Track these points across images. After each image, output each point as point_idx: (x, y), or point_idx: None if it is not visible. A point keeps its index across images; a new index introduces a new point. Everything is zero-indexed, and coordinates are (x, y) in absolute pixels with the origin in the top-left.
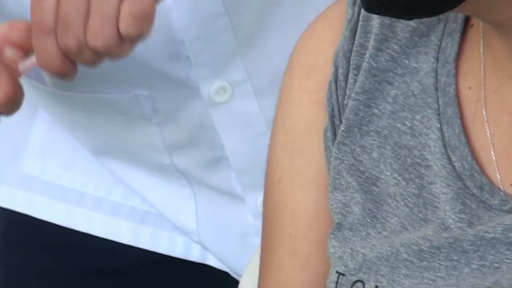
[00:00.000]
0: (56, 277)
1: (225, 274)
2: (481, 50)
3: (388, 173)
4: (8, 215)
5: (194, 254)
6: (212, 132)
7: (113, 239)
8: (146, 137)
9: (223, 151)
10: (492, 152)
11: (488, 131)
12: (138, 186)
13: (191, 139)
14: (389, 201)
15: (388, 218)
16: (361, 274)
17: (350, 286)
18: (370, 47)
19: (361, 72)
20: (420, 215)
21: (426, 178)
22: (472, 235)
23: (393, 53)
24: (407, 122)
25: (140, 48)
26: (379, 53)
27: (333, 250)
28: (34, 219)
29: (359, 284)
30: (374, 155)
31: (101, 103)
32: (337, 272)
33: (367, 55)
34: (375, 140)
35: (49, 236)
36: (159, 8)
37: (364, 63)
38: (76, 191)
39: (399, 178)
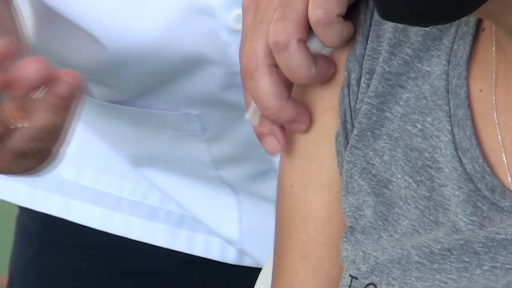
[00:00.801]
0: (91, 278)
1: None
2: (494, 53)
3: (399, 176)
4: (43, 217)
5: (230, 256)
6: (261, 149)
7: (150, 243)
8: (193, 152)
9: (272, 164)
10: (503, 155)
11: (499, 134)
12: (177, 195)
13: (239, 155)
14: (401, 203)
15: (400, 221)
16: (373, 277)
17: None
18: (383, 51)
19: (374, 76)
20: (431, 217)
21: (437, 180)
22: (483, 236)
23: (406, 57)
24: (418, 125)
25: (197, 79)
26: (392, 57)
27: (345, 254)
28: (69, 221)
29: (371, 287)
30: (386, 157)
31: (150, 117)
32: (350, 275)
33: (380, 59)
34: (387, 143)
35: (84, 237)
36: (217, 44)
37: (378, 67)
38: (112, 195)
39: (410, 181)
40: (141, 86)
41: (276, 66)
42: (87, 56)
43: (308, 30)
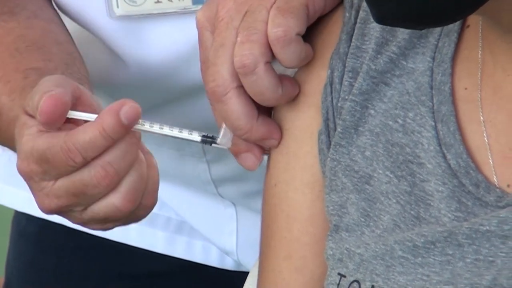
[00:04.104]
0: (90, 281)
1: None
2: (480, 51)
3: (380, 171)
4: (40, 219)
5: (228, 263)
6: (262, 169)
7: (148, 249)
8: (194, 171)
9: None
10: (488, 153)
11: (485, 132)
12: (176, 205)
13: (238, 175)
14: (382, 199)
15: (381, 216)
16: (358, 274)
17: (347, 287)
18: (370, 49)
19: (360, 74)
20: (412, 212)
21: (418, 175)
22: (467, 228)
23: (392, 55)
24: (399, 120)
25: (204, 104)
26: (379, 55)
27: (331, 252)
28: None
29: (355, 284)
30: (367, 153)
31: (152, 135)
32: (338, 273)
33: (366, 58)
34: (368, 139)
35: (83, 240)
36: None
37: (363, 65)
38: None
39: (391, 176)
40: (151, 104)
41: (243, 86)
42: (108, 70)
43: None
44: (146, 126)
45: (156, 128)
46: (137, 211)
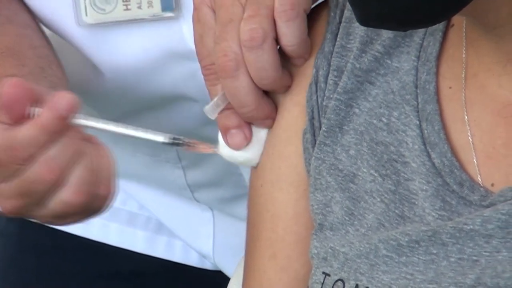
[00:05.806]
0: (71, 281)
1: None
2: (464, 51)
3: (365, 170)
4: (20, 218)
5: (208, 263)
6: (237, 176)
7: (128, 249)
8: (169, 177)
9: (246, 189)
10: (472, 152)
11: (469, 131)
12: (153, 208)
13: (214, 181)
14: (366, 197)
15: (365, 215)
16: (342, 273)
17: (331, 285)
18: (354, 48)
19: (344, 73)
20: (396, 211)
21: (402, 174)
22: (451, 227)
23: (377, 54)
24: (383, 119)
25: (176, 114)
26: (363, 54)
27: (315, 251)
28: None
29: (339, 283)
30: (352, 152)
31: (127, 141)
32: (323, 272)
33: (351, 57)
34: (353, 138)
35: (63, 239)
36: (196, 84)
37: (348, 64)
38: None
39: (376, 175)
40: (125, 111)
41: None
42: (82, 77)
43: None
44: (91, 122)
45: (100, 123)
46: (94, 203)
